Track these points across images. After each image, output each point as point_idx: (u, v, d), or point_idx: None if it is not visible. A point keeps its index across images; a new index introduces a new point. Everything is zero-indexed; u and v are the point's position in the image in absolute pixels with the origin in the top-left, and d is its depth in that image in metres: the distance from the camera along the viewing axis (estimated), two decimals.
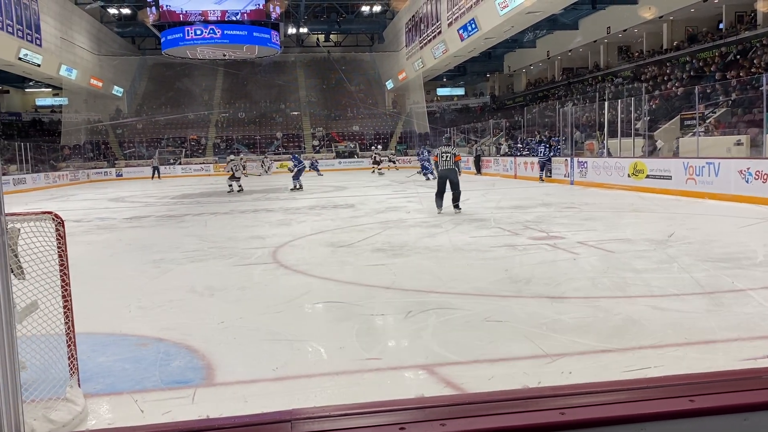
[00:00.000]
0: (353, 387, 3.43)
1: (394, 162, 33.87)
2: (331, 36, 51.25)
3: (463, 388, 3.33)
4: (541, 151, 21.87)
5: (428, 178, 23.51)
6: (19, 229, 3.24)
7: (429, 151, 29.47)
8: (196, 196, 20.11)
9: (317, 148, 44.02)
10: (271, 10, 37.33)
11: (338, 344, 4.17)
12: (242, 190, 20.99)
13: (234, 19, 37.28)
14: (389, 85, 48.01)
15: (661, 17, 27.21)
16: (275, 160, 40.37)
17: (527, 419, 1.12)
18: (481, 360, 3.78)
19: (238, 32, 37.32)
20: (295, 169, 21.48)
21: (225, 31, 36.89)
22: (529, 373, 3.50)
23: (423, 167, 25.10)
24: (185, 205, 16.86)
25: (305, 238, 9.51)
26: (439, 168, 11.94)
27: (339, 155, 42.89)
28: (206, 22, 36.66)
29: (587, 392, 1.21)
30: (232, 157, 22.22)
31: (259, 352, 4.05)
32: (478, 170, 28.09)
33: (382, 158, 33.67)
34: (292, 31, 47.39)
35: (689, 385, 1.22)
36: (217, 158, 41.56)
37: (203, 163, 40.83)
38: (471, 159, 29.86)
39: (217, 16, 37.24)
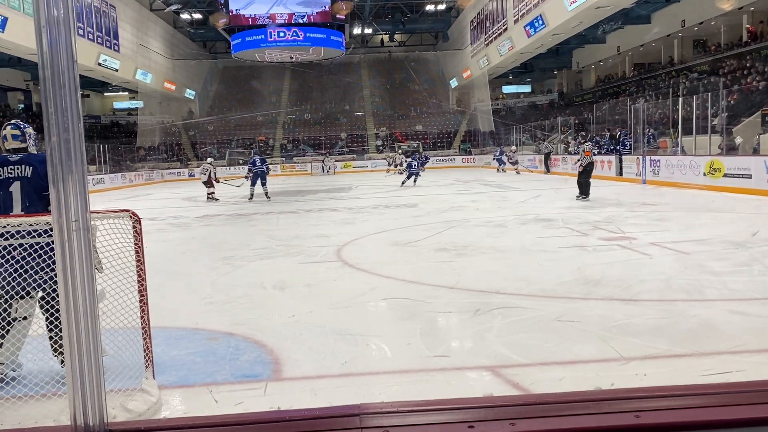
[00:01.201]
0: (418, 385, 3.43)
1: (397, 166, 33.71)
2: (396, 35, 51.38)
3: (530, 390, 3.28)
4: (628, 144, 21.38)
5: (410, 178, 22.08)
6: (96, 226, 3.46)
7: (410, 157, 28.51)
8: (263, 196, 20.58)
9: (380, 148, 44.23)
10: (339, 10, 37.79)
11: (403, 342, 4.18)
12: (216, 200, 18.45)
13: (301, 21, 37.95)
14: (453, 83, 47.73)
15: (740, 8, 25.94)
16: (338, 160, 40.82)
17: (600, 421, 1.09)
18: (549, 362, 3.70)
19: (318, 35, 38.11)
20: (251, 174, 17.85)
21: (307, 34, 37.70)
22: (602, 375, 3.40)
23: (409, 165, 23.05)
24: (254, 204, 17.27)
25: (369, 237, 9.58)
26: (589, 160, 14.12)
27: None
28: (288, 25, 37.50)
29: (664, 395, 1.16)
30: (210, 160, 19.95)
31: (325, 348, 4.10)
32: (548, 169, 27.48)
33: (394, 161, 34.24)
34: (357, 31, 47.80)
35: None
36: (284, 159, 42.43)
37: (271, 163, 41.75)
38: (538, 157, 29.34)
39: (285, 19, 38.00)
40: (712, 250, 7.11)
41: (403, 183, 21.93)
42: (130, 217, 3.34)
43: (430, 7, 45.43)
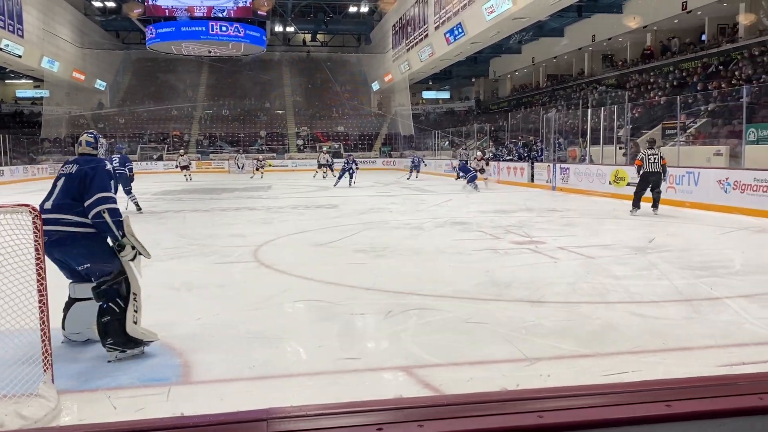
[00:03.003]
0: (332, 387, 3.41)
1: (321, 167, 29.02)
2: (318, 35, 51.13)
3: (441, 389, 3.33)
4: (540, 152, 22.22)
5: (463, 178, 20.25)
6: (128, 216, 4.08)
7: (419, 159, 27.66)
8: (177, 193, 19.94)
9: (301, 147, 43.90)
10: (260, 6, 37.20)
11: (317, 344, 4.16)
12: None
13: (220, 15, 37.07)
14: (375, 86, 48.01)
15: (645, 27, 27.51)
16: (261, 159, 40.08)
17: (505, 422, 1.11)
18: (460, 362, 3.78)
19: (255, 33, 37.76)
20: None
21: (247, 32, 37.14)
22: (508, 375, 3.51)
23: (463, 170, 20.84)
24: (166, 201, 16.70)
25: (287, 237, 9.47)
26: (644, 170, 11.64)
27: None
28: (212, 19, 36.68)
29: (565, 396, 1.20)
30: None
31: (238, 350, 4.01)
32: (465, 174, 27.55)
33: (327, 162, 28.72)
34: (278, 29, 47.21)
35: (666, 390, 1.22)
36: (200, 155, 41.26)
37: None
38: (454, 163, 29.88)
39: (203, 12, 37.01)
40: (615, 254, 7.49)
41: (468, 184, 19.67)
42: (30, 212, 3.15)
43: (352, 9, 45.50)
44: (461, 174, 20.70)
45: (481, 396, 1.20)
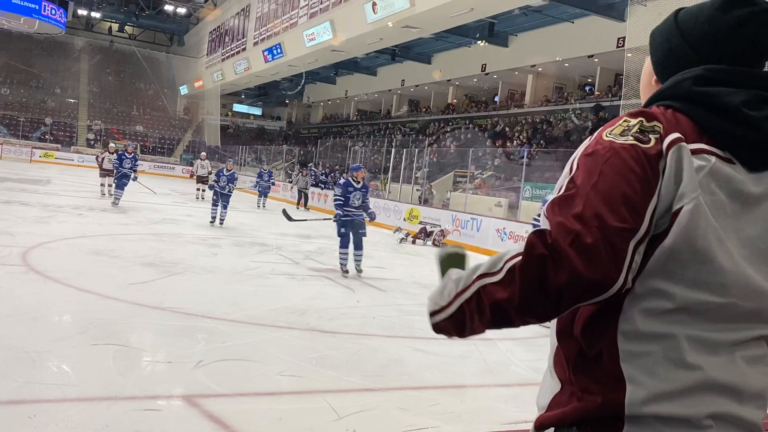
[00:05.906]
0: (103, 416, 3.09)
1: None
2: (127, 27, 47.75)
3: (224, 421, 3.19)
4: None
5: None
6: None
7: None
8: None
9: (92, 142, 40.34)
10: None
11: (91, 366, 3.77)
12: None
13: None
14: (183, 90, 45.94)
15: (448, 80, 29.85)
16: (37, 147, 36.09)
17: None
18: (248, 393, 3.68)
19: (58, 12, 33.74)
20: None
21: (61, 13, 33.05)
22: (292, 408, 3.47)
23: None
24: None
25: (65, 241, 8.56)
26: None
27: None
28: None
29: None
30: None
31: None
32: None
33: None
34: (83, 12, 43.25)
35: None
36: None
37: None
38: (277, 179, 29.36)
39: None
40: (404, 290, 7.88)
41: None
42: None
43: (169, 8, 43.35)
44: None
45: None
